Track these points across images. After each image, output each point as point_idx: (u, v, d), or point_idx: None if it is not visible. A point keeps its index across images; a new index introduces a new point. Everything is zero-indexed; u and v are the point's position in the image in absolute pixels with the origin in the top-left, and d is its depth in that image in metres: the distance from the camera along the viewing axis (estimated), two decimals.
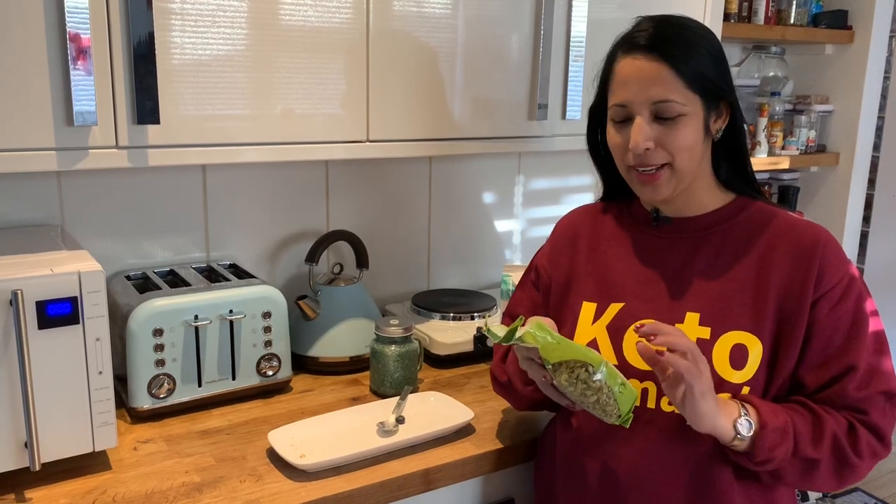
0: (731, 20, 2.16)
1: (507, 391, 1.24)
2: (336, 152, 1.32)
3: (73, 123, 1.07)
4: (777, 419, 0.99)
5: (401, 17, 1.33)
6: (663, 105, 1.03)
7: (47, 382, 1.05)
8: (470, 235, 1.91)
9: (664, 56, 1.03)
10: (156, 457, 1.18)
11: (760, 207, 1.12)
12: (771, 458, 0.99)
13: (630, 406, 1.00)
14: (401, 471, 1.15)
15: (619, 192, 1.22)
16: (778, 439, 0.98)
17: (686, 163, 1.06)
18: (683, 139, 1.04)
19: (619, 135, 1.08)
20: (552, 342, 1.00)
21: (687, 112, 1.04)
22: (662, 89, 1.03)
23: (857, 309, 1.05)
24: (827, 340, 1.03)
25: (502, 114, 1.48)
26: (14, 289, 1.00)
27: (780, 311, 1.04)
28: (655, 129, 1.04)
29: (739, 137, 1.12)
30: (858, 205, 2.53)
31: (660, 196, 1.09)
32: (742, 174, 1.15)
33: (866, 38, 2.36)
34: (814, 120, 2.43)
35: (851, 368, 1.02)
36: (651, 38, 1.04)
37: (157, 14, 1.11)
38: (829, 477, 1.02)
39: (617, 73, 1.08)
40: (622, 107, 1.07)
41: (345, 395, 1.43)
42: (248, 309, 1.34)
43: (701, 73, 1.04)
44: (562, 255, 1.22)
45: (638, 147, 1.04)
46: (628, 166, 1.09)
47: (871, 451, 1.03)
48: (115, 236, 1.47)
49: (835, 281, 1.04)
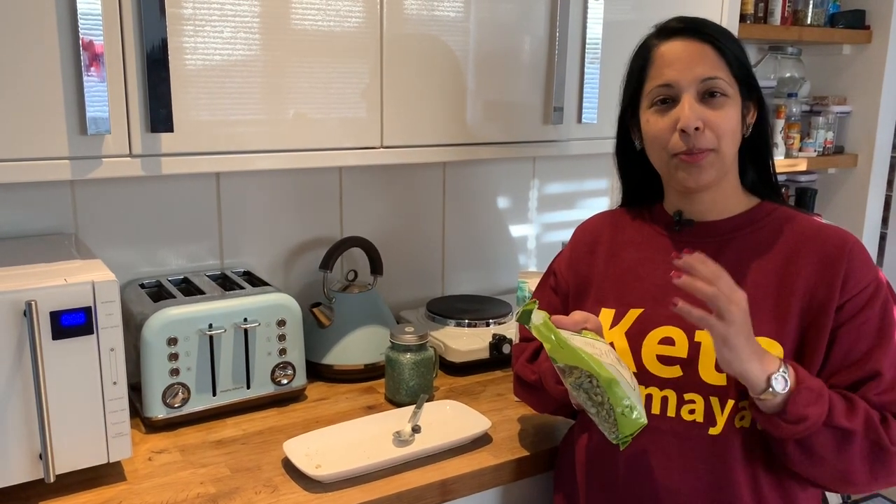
0: (748, 21, 2.13)
1: (532, 393, 1.21)
2: (350, 159, 1.31)
3: (87, 132, 1.06)
4: (814, 381, 0.96)
5: (414, 20, 1.32)
6: (711, 82, 1.03)
7: (61, 393, 1.04)
8: (484, 241, 1.90)
9: (708, 38, 1.04)
10: (171, 467, 1.17)
11: (785, 212, 1.10)
12: (805, 415, 0.93)
13: (632, 432, 0.95)
14: (418, 481, 1.14)
15: (639, 198, 1.20)
16: (813, 398, 0.94)
17: (730, 147, 1.05)
18: (728, 121, 1.03)
19: (663, 119, 1.05)
20: (556, 342, 0.98)
21: (730, 94, 1.04)
22: (710, 67, 1.03)
23: (883, 315, 1.02)
24: (851, 345, 1.01)
25: (517, 118, 1.47)
26: (28, 299, 0.99)
27: (804, 316, 1.02)
28: (702, 109, 1.03)
29: (766, 138, 1.11)
30: (877, 207, 2.49)
31: (703, 181, 1.05)
32: (766, 179, 1.13)
33: (884, 38, 2.32)
34: (831, 121, 2.40)
35: (875, 374, 1.00)
36: (688, 23, 1.06)
37: (170, 20, 1.11)
38: (863, 460, 0.96)
39: (658, 58, 1.07)
40: (667, 86, 1.05)
41: (360, 403, 1.42)
42: (262, 317, 1.33)
43: (739, 59, 1.05)
44: (581, 261, 1.21)
45: (689, 124, 1.02)
46: (672, 154, 1.06)
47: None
48: (129, 244, 1.46)
49: (861, 286, 1.02)
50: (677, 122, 1.03)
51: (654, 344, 1.06)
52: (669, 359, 1.05)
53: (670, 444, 1.04)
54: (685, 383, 1.03)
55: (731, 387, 1.01)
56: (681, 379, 1.03)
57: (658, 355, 1.06)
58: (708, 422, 1.02)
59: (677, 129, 1.03)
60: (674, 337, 1.06)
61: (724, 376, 1.01)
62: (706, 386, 1.02)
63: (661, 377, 1.04)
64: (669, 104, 1.05)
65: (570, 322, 1.03)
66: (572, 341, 0.98)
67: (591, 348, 0.99)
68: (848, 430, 0.95)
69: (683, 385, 1.03)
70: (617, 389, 0.94)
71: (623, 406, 0.94)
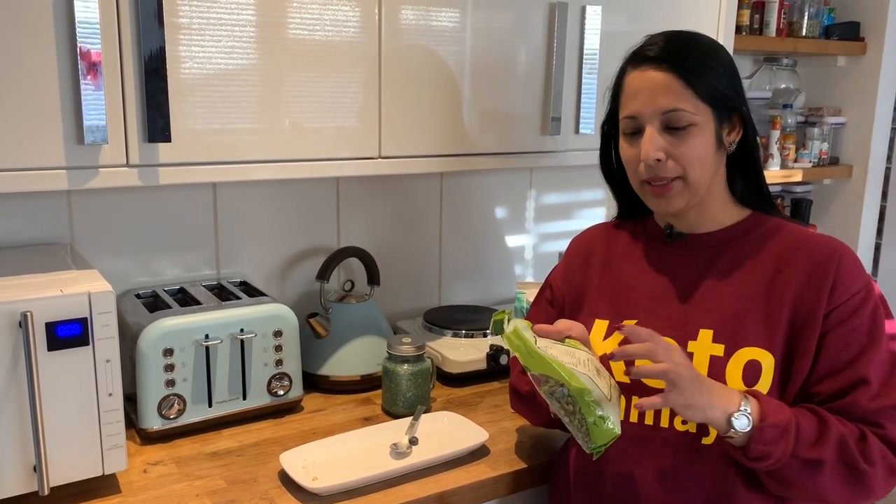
0: (743, 32, 2.14)
1: (527, 405, 1.21)
2: (347, 169, 1.31)
3: (84, 142, 1.05)
4: (779, 416, 0.96)
5: (411, 30, 1.32)
6: (672, 115, 1.03)
7: (56, 405, 1.03)
8: (481, 251, 1.89)
9: (673, 67, 1.03)
10: (166, 479, 1.16)
11: (776, 223, 1.11)
12: (766, 453, 0.94)
13: (604, 442, 0.95)
14: (415, 494, 1.13)
15: (633, 210, 1.20)
16: (777, 435, 0.94)
17: (698, 174, 1.05)
18: (694, 150, 1.03)
19: (632, 148, 1.08)
20: (525, 352, 0.98)
21: (697, 122, 1.03)
22: (672, 99, 1.02)
23: (872, 323, 1.02)
24: (837, 353, 1.00)
25: (515, 128, 1.47)
26: (23, 310, 0.98)
27: (793, 323, 1.02)
28: (666, 139, 1.04)
29: (753, 151, 1.11)
30: (872, 217, 2.50)
31: (673, 208, 1.07)
32: (757, 190, 1.13)
33: (879, 50, 2.34)
34: (826, 132, 2.41)
35: (863, 381, 0.99)
36: (661, 51, 1.05)
37: (168, 29, 1.10)
38: (837, 484, 0.97)
39: (627, 86, 1.08)
40: (633, 118, 1.06)
41: (356, 414, 1.41)
42: (258, 328, 1.33)
43: (711, 84, 1.03)
44: (576, 273, 1.21)
45: (649, 157, 1.03)
46: (641, 180, 1.08)
47: (887, 465, 0.98)
48: (125, 254, 1.45)
49: (850, 293, 1.02)
50: None
51: None
52: None
53: (663, 454, 1.04)
54: None
55: None
56: None
57: None
58: (700, 432, 1.03)
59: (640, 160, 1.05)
60: None
61: None
62: None
63: (653, 388, 1.03)
64: (637, 135, 1.07)
65: (554, 331, 1.04)
66: (548, 351, 0.99)
67: (568, 357, 0.98)
68: (816, 460, 0.95)
69: None
70: (588, 399, 0.94)
71: (595, 416, 0.94)
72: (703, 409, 0.94)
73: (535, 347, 0.99)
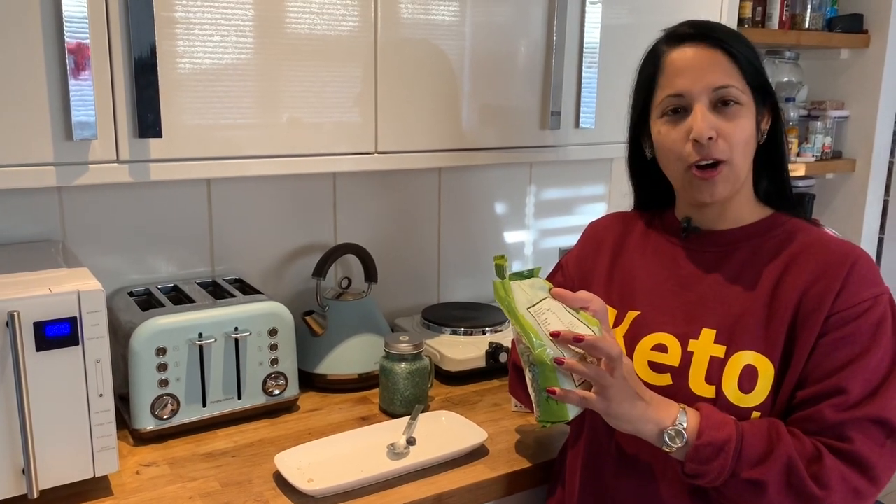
0: (746, 25, 2.11)
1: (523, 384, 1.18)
2: (344, 164, 1.28)
3: (73, 138, 1.03)
4: (717, 434, 0.92)
5: (409, 24, 1.29)
6: (724, 91, 1.00)
7: (45, 406, 1.01)
8: (480, 247, 1.87)
9: (720, 43, 1.01)
10: (159, 481, 1.14)
11: (795, 225, 1.07)
12: (700, 472, 0.92)
13: (551, 420, 0.97)
14: (413, 496, 1.11)
15: (652, 203, 1.18)
16: (711, 454, 0.91)
17: (742, 160, 1.02)
18: (741, 131, 1.00)
19: (675, 129, 1.03)
20: (508, 306, 0.98)
21: (744, 102, 1.01)
22: (722, 76, 1.00)
23: (873, 334, 0.95)
24: (823, 358, 0.95)
25: (514, 123, 1.44)
26: (11, 310, 0.96)
27: (794, 324, 0.98)
28: (715, 119, 1.00)
29: (780, 145, 1.08)
30: (875, 212, 2.48)
31: (718, 195, 1.03)
32: (781, 189, 1.10)
33: (882, 43, 2.31)
34: (829, 126, 2.39)
35: (838, 391, 0.93)
36: (702, 28, 1.03)
37: (160, 22, 1.08)
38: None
39: (668, 65, 1.03)
40: (678, 96, 1.02)
41: (353, 413, 1.39)
42: (253, 326, 1.30)
43: (753, 65, 1.02)
44: (587, 258, 1.20)
45: (703, 134, 0.99)
46: (687, 165, 1.03)
47: (848, 487, 0.90)
48: (118, 251, 1.43)
49: (856, 301, 0.96)
50: (689, 132, 1.00)
51: (647, 350, 1.04)
52: (661, 366, 1.03)
53: (659, 451, 1.01)
54: (674, 393, 1.00)
55: (720, 399, 0.98)
56: (670, 388, 1.01)
57: (650, 362, 1.04)
58: None
59: (689, 139, 1.01)
60: (667, 344, 1.04)
61: (713, 388, 0.98)
62: (694, 397, 0.99)
63: (650, 385, 1.01)
64: (681, 114, 1.02)
65: (573, 297, 1.01)
66: (543, 315, 0.98)
67: (561, 328, 0.96)
68: (758, 480, 0.91)
69: (672, 394, 1.00)
70: (548, 373, 0.94)
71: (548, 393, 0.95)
72: (632, 422, 0.94)
73: (516, 307, 0.98)
